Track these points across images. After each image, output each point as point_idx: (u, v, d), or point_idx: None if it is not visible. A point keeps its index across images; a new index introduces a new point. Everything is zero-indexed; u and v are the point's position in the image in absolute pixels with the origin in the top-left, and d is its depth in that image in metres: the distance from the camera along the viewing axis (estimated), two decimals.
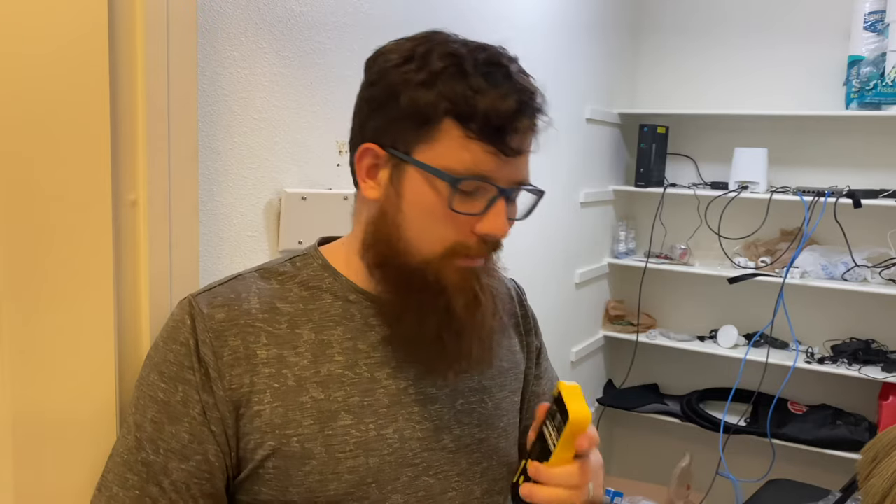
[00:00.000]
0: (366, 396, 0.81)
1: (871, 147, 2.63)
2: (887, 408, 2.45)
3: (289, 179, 1.35)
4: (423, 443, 0.83)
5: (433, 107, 0.74)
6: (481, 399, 0.89)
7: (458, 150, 0.75)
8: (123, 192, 0.97)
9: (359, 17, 1.48)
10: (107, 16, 0.91)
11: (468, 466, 0.86)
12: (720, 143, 2.87)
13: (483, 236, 0.78)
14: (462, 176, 0.75)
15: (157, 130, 0.99)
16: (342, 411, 0.79)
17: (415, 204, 0.78)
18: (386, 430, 0.81)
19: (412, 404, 0.83)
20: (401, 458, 0.81)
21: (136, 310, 1.00)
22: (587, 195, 2.68)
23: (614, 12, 2.80)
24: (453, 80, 0.74)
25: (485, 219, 0.78)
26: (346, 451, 0.78)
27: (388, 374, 0.83)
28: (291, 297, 0.84)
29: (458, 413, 0.86)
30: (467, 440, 0.86)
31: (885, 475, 0.88)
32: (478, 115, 0.73)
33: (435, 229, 0.78)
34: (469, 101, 0.73)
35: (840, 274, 2.54)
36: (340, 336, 0.82)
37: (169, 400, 0.79)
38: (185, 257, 1.07)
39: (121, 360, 0.97)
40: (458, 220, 0.77)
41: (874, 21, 2.45)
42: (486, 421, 0.89)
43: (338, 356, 0.81)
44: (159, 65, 0.98)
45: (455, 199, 0.76)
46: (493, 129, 0.74)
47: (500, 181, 0.77)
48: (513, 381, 0.95)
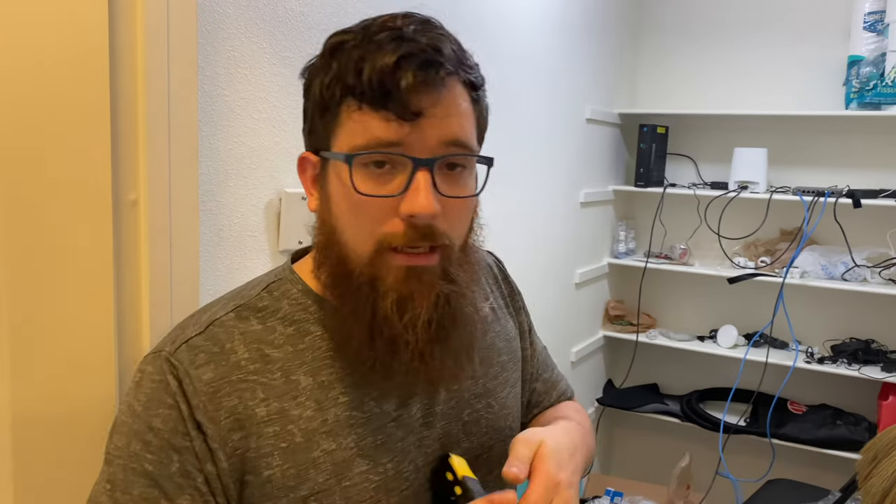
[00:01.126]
0: (378, 434, 0.74)
1: (871, 147, 2.63)
2: (887, 408, 2.45)
3: (289, 179, 1.35)
4: (435, 465, 0.79)
5: (330, 91, 0.69)
6: (487, 404, 0.84)
7: (357, 126, 0.68)
8: (123, 192, 0.97)
9: (359, 18, 1.47)
10: (107, 16, 0.91)
11: (481, 477, 0.79)
12: (720, 143, 2.87)
13: (407, 219, 0.67)
14: (358, 151, 0.67)
15: (157, 130, 0.99)
16: (357, 457, 0.72)
17: (337, 201, 0.71)
18: (402, 466, 0.76)
19: (421, 429, 0.78)
20: (416, 488, 0.77)
21: (136, 310, 1.00)
22: (587, 195, 2.68)
23: (614, 12, 2.80)
24: (342, 58, 0.69)
25: (405, 197, 0.67)
26: (367, 499, 0.73)
27: (397, 404, 0.76)
28: (277, 340, 0.74)
29: (465, 424, 0.81)
30: (477, 451, 0.82)
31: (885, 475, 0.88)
32: (363, 83, 0.66)
33: (359, 223, 0.69)
34: (356, 73, 0.67)
35: (840, 274, 2.54)
36: (339, 373, 0.74)
37: (162, 472, 0.68)
38: (185, 257, 1.07)
39: (121, 360, 0.97)
40: (381, 207, 0.68)
41: (874, 21, 2.45)
42: (492, 426, 0.84)
43: (342, 397, 0.73)
44: (159, 65, 0.98)
45: (357, 178, 0.67)
46: (380, 93, 0.65)
47: (414, 151, 0.67)
48: (513, 373, 0.90)
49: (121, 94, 0.95)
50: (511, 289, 0.97)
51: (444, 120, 0.68)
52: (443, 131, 0.68)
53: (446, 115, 0.68)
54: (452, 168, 0.70)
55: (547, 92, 2.32)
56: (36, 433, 0.89)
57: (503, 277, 0.96)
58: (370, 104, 0.66)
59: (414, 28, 0.68)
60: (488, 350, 0.86)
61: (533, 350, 0.98)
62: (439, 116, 0.67)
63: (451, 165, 0.70)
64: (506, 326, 0.91)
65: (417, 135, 0.67)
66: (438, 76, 0.67)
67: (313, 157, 0.74)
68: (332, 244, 0.72)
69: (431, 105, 0.67)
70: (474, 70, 0.72)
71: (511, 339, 0.92)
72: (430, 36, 0.68)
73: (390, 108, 0.66)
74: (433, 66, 0.66)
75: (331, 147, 0.71)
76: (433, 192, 0.67)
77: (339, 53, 0.69)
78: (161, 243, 1.02)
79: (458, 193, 0.70)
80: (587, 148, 2.69)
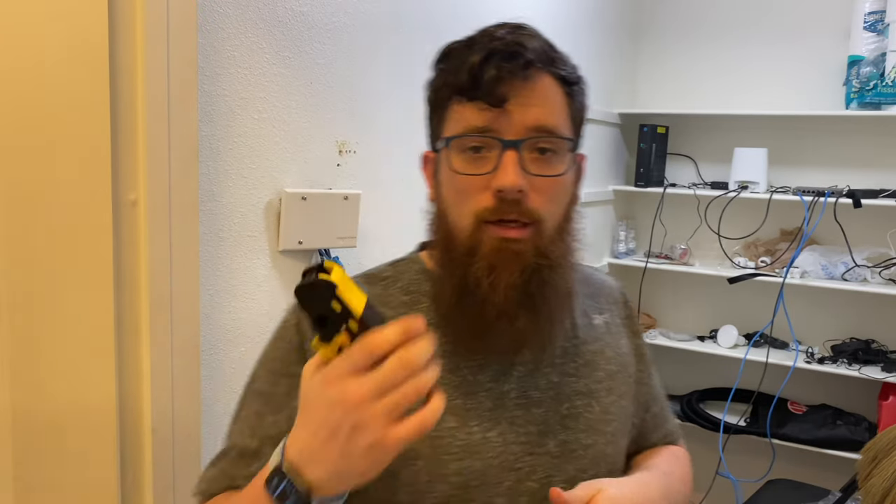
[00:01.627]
0: (468, 399, 0.80)
1: (871, 147, 2.63)
2: (887, 408, 2.45)
3: (289, 179, 1.35)
4: (527, 447, 0.81)
5: (437, 91, 0.81)
6: (588, 403, 0.86)
7: (457, 117, 0.78)
8: (123, 192, 0.97)
9: (359, 18, 1.48)
10: (107, 16, 0.91)
11: (575, 473, 0.82)
12: (720, 143, 2.87)
13: (497, 193, 0.75)
14: (452, 134, 0.78)
15: (157, 130, 0.99)
16: (447, 413, 0.78)
17: (444, 184, 0.81)
18: (490, 434, 0.79)
19: (515, 408, 0.82)
20: (504, 461, 0.79)
21: (136, 310, 1.00)
22: (587, 195, 2.67)
23: (614, 12, 2.80)
24: (447, 62, 0.80)
25: (496, 175, 0.76)
26: (452, 454, 0.78)
27: (490, 377, 0.82)
28: (393, 303, 0.85)
29: (563, 417, 0.84)
30: (573, 445, 0.83)
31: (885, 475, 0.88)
32: (459, 79, 0.77)
33: (459, 200, 0.78)
34: (455, 72, 0.77)
35: (840, 274, 2.54)
36: (441, 339, 0.78)
37: (272, 392, 0.81)
38: (185, 257, 1.07)
39: (121, 360, 0.97)
40: (476, 184, 0.76)
41: (874, 21, 2.45)
42: (593, 426, 0.85)
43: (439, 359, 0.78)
44: (159, 65, 0.98)
45: (455, 161, 0.78)
46: (471, 85, 0.76)
47: (502, 134, 0.76)
48: (621, 385, 0.91)
49: (121, 94, 0.95)
50: (630, 313, 1.00)
51: (529, 108, 0.76)
52: (528, 117, 0.76)
53: (531, 104, 0.76)
54: (543, 152, 0.78)
55: None
56: (36, 433, 0.89)
57: (624, 301, 1.00)
58: (465, 96, 0.77)
59: (505, 31, 0.79)
60: (595, 356, 0.89)
61: (649, 376, 0.99)
62: (524, 104, 0.76)
63: (541, 150, 0.78)
64: (618, 341, 0.94)
65: (505, 120, 0.76)
66: (520, 67, 0.75)
67: (430, 154, 0.86)
68: (440, 223, 0.82)
69: (515, 93, 0.75)
70: (567, 67, 0.81)
71: (623, 355, 0.94)
72: (516, 35, 0.78)
73: (480, 97, 0.75)
74: (515, 59, 0.75)
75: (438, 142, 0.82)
76: (520, 170, 0.75)
77: (445, 59, 0.81)
78: (161, 243, 1.02)
79: (546, 173, 0.77)
80: (587, 148, 2.67)
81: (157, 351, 1.05)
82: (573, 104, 0.82)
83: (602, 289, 0.96)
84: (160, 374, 1.06)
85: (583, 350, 0.88)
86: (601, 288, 0.96)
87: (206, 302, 1.21)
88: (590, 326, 0.91)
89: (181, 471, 1.13)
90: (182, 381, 1.11)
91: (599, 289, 0.96)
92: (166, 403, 1.08)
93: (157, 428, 1.07)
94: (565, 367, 0.86)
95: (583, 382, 0.87)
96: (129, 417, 1.03)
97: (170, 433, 1.10)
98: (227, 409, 1.30)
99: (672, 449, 1.02)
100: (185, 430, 1.13)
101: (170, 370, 1.08)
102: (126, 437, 1.04)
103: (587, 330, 0.90)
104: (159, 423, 1.07)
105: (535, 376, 0.84)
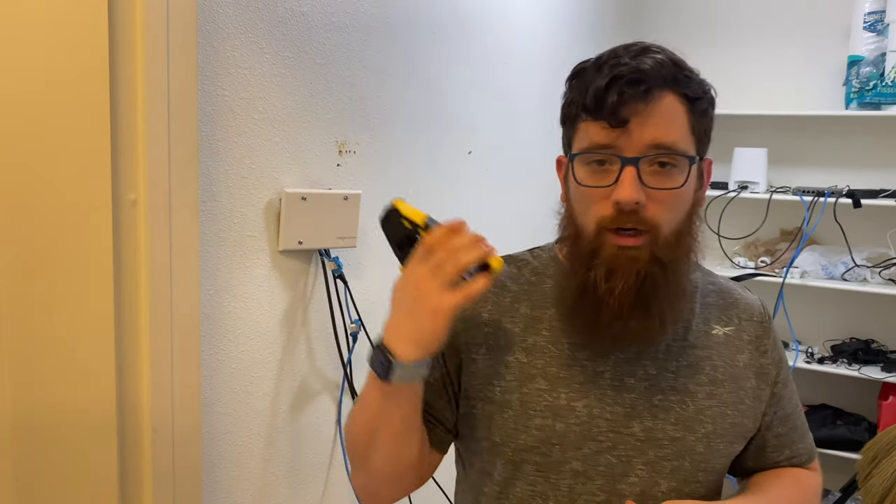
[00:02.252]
0: (563, 370, 0.91)
1: (871, 147, 2.63)
2: (887, 408, 2.45)
3: (289, 179, 1.35)
4: (612, 424, 0.89)
5: (568, 107, 0.90)
6: (682, 400, 0.91)
7: (583, 134, 0.87)
8: (123, 192, 0.97)
9: (359, 18, 1.48)
10: (107, 16, 0.91)
11: (655, 459, 0.89)
12: (720, 143, 2.84)
13: (615, 204, 0.84)
14: (579, 151, 0.87)
15: (157, 130, 0.99)
16: (539, 376, 0.90)
17: (573, 191, 0.91)
18: (576, 403, 0.89)
19: (607, 387, 0.90)
20: (586, 430, 0.89)
21: (135, 310, 1.00)
22: None
23: (614, 12, 2.80)
24: (578, 82, 0.88)
25: (616, 188, 0.84)
26: (537, 410, 0.89)
27: (588, 356, 0.91)
28: (521, 280, 0.97)
29: (653, 407, 0.90)
30: (659, 434, 0.90)
31: (885, 475, 0.88)
32: (587, 100, 0.85)
33: (584, 208, 0.88)
34: (583, 93, 0.86)
35: (840, 274, 2.54)
36: (552, 316, 0.93)
37: None
38: (185, 257, 1.07)
39: (120, 359, 0.97)
40: (599, 196, 0.85)
41: (874, 21, 2.45)
42: (684, 422, 0.91)
43: (545, 332, 0.93)
44: (159, 65, 0.98)
45: (579, 172, 0.87)
46: (596, 107, 0.84)
47: (623, 151, 0.84)
48: (728, 395, 0.94)
49: (121, 94, 0.95)
50: (764, 334, 1.02)
51: (648, 127, 0.84)
52: (646, 136, 0.84)
53: (650, 123, 0.84)
54: (662, 166, 0.85)
55: (547, 92, 2.32)
56: (36, 433, 0.89)
57: (761, 321, 1.02)
58: (591, 115, 0.85)
59: (631, 55, 0.86)
60: (701, 360, 0.94)
61: (775, 398, 1.01)
62: (644, 124, 0.83)
63: (661, 164, 0.85)
64: (735, 355, 0.97)
65: (626, 139, 0.84)
66: (641, 92, 0.83)
67: (563, 158, 0.95)
68: (570, 223, 0.92)
69: (636, 115, 0.83)
70: (691, 84, 0.89)
71: (737, 368, 0.97)
72: (640, 59, 0.85)
73: (604, 117, 0.84)
74: (636, 84, 0.83)
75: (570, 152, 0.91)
76: (637, 184, 0.83)
77: (577, 79, 0.89)
78: (161, 243, 1.02)
79: (664, 186, 0.85)
80: None
81: (157, 351, 1.05)
82: (695, 118, 0.88)
83: (738, 303, 1.00)
84: (160, 374, 1.06)
85: (689, 353, 0.93)
86: (737, 302, 1.00)
87: (206, 302, 1.21)
88: (705, 334, 0.95)
89: (181, 471, 1.13)
90: (182, 381, 1.11)
91: (734, 303, 1.00)
92: (166, 403, 1.08)
93: (157, 428, 1.07)
94: (666, 363, 0.92)
95: (681, 381, 0.92)
96: (129, 418, 1.03)
97: (170, 433, 1.10)
98: (227, 409, 1.30)
99: (795, 472, 1.04)
100: (185, 430, 1.13)
101: (170, 370, 1.08)
102: (126, 437, 1.04)
103: (701, 336, 0.95)
104: (159, 423, 1.07)
105: (633, 365, 0.91)
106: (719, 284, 1.01)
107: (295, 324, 1.42)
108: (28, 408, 0.87)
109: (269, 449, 1.40)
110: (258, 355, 1.35)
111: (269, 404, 1.38)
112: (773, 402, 1.00)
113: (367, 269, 1.58)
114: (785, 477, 1.02)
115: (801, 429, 1.05)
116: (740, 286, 1.04)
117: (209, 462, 1.26)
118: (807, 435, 1.06)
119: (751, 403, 0.96)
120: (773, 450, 1.02)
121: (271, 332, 1.37)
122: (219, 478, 1.29)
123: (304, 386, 1.46)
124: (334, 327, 1.48)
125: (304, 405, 1.46)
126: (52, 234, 0.88)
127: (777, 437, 1.02)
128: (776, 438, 1.02)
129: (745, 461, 1.02)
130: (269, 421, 1.39)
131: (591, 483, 0.89)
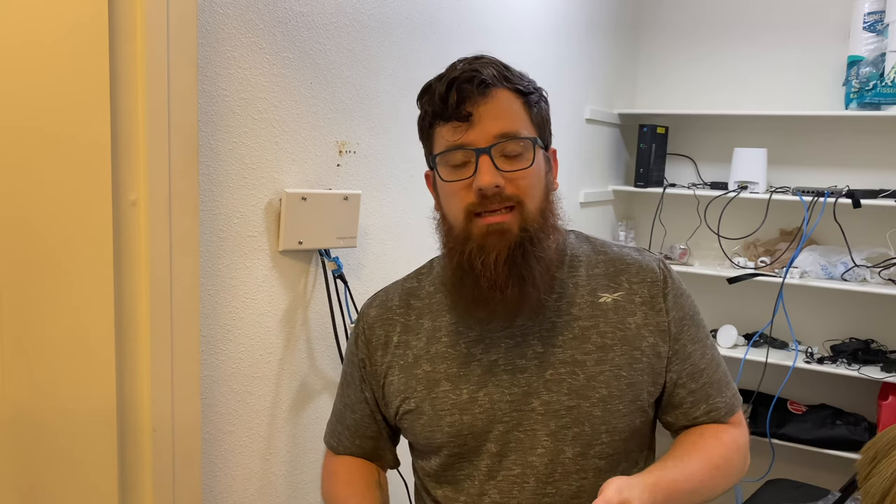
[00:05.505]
0: (462, 368, 1.01)
1: (871, 147, 2.63)
2: (887, 408, 2.45)
3: (289, 179, 1.36)
4: (513, 405, 0.99)
5: (422, 121, 0.99)
6: (572, 371, 0.99)
7: (438, 138, 0.97)
8: (123, 192, 0.97)
9: (359, 18, 1.48)
10: (107, 16, 0.91)
11: (557, 429, 0.98)
12: (720, 144, 2.87)
13: (478, 192, 0.93)
14: (437, 152, 0.96)
15: (157, 130, 0.99)
16: (443, 380, 1.01)
17: (441, 193, 1.00)
18: (477, 395, 1.00)
19: (502, 373, 1.00)
20: (491, 416, 0.99)
21: (135, 310, 1.00)
22: (587, 195, 2.68)
23: (614, 12, 2.80)
24: (425, 97, 0.97)
25: (476, 178, 0.93)
26: (446, 410, 1.00)
27: (483, 349, 1.01)
28: (423, 294, 1.08)
29: (547, 382, 0.99)
30: (556, 406, 0.98)
31: (885, 475, 0.88)
32: (435, 106, 0.95)
33: (452, 202, 0.96)
34: (430, 102, 0.96)
35: (839, 274, 2.54)
36: (448, 322, 1.04)
37: (346, 371, 1.14)
38: (185, 257, 1.07)
39: (121, 360, 0.97)
40: (462, 188, 0.94)
41: (874, 21, 2.45)
42: (577, 391, 0.98)
43: (444, 338, 1.04)
44: (159, 65, 0.98)
45: (442, 172, 0.96)
46: (442, 108, 0.94)
47: (477, 144, 0.93)
48: (620, 357, 1.00)
49: (121, 94, 0.95)
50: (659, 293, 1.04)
51: (492, 120, 0.93)
52: (493, 128, 0.93)
53: (493, 116, 0.93)
54: (512, 154, 0.95)
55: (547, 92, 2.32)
56: (36, 433, 0.89)
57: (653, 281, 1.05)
58: (441, 118, 0.95)
59: (466, 62, 0.96)
60: (587, 330, 1.01)
61: (681, 355, 1.04)
62: (488, 117, 0.93)
63: (510, 154, 0.94)
64: (625, 318, 1.02)
65: (476, 133, 0.93)
66: (476, 87, 0.92)
67: (429, 172, 1.04)
68: (443, 222, 1.00)
69: (478, 108, 0.93)
70: (521, 81, 0.98)
71: (629, 329, 1.02)
72: (474, 64, 0.95)
73: (450, 115, 0.93)
74: (472, 82, 0.93)
75: (431, 161, 1.00)
76: (494, 170, 0.92)
77: (425, 94, 0.98)
78: (161, 243, 1.02)
79: (516, 168, 0.94)
80: (587, 148, 2.69)
81: (157, 351, 1.05)
82: (532, 110, 0.99)
83: (629, 268, 1.05)
84: (160, 374, 1.06)
85: (574, 325, 1.01)
86: (628, 268, 1.05)
87: (206, 302, 1.21)
88: (591, 304, 1.02)
89: (181, 471, 1.13)
90: (182, 381, 1.11)
91: (625, 269, 1.05)
92: (166, 403, 1.08)
93: (157, 428, 1.07)
94: (552, 339, 1.00)
95: (569, 353, 1.00)
96: (129, 417, 1.03)
97: (170, 433, 1.10)
98: (227, 409, 1.30)
99: (715, 429, 1.06)
100: (185, 430, 1.13)
101: (170, 370, 1.08)
102: (126, 437, 1.04)
103: (587, 307, 1.02)
104: (159, 423, 1.07)
105: (522, 347, 1.00)
106: (611, 254, 1.07)
107: (295, 324, 1.42)
108: (28, 407, 0.87)
109: (269, 449, 1.40)
110: (258, 355, 1.35)
111: (269, 404, 1.38)
112: (678, 358, 1.04)
113: (368, 269, 1.58)
114: (706, 436, 1.05)
115: (718, 383, 1.08)
116: (639, 251, 1.10)
117: (209, 462, 1.26)
118: (726, 389, 1.09)
119: (649, 361, 1.02)
120: (689, 406, 1.05)
121: (271, 332, 1.37)
122: (219, 477, 1.29)
123: (304, 386, 1.46)
124: (334, 327, 1.48)
125: (304, 405, 1.47)
126: (52, 234, 0.88)
127: (691, 393, 1.05)
128: (691, 395, 1.05)
129: (667, 417, 1.08)
130: (269, 421, 1.39)
131: (506, 459, 0.99)
